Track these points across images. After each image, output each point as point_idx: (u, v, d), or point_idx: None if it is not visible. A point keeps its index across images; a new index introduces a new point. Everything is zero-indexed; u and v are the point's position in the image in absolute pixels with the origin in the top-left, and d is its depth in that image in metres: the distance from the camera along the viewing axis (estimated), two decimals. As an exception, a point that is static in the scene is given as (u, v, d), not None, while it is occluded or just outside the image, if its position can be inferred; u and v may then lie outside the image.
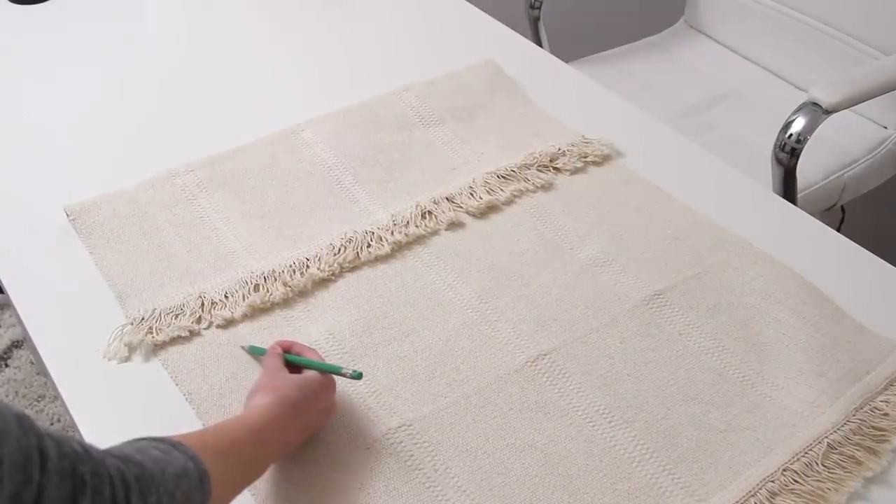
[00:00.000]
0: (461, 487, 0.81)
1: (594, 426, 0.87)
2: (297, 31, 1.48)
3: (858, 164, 1.52)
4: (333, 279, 1.01)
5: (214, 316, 0.96)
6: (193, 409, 0.87)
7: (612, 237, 1.07)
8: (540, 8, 1.73)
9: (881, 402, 0.88)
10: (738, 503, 0.80)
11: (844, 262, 1.06)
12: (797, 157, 1.31)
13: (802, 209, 1.15)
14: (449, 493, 0.81)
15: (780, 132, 1.32)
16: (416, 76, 1.32)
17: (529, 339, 0.95)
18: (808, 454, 0.84)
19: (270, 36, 1.49)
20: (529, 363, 0.92)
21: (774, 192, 1.32)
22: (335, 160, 1.17)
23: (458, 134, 1.23)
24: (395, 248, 1.05)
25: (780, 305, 0.98)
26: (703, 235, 1.08)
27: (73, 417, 0.87)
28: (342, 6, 1.55)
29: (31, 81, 1.35)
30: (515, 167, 1.16)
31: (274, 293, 0.98)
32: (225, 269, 1.02)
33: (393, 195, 1.12)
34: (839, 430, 0.86)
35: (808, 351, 0.93)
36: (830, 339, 0.95)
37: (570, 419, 0.87)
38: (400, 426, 0.86)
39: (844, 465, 0.83)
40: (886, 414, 0.87)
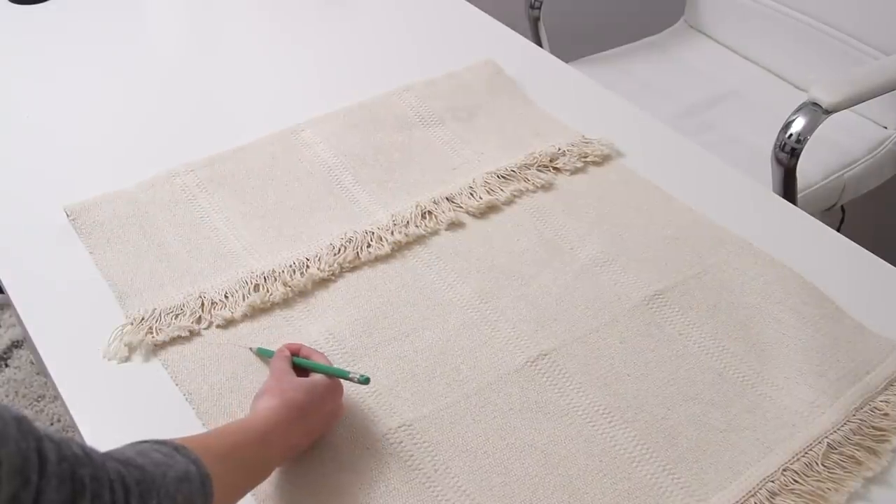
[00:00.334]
0: (461, 487, 0.81)
1: (594, 426, 0.87)
2: (297, 30, 1.48)
3: (858, 164, 1.52)
4: (333, 279, 1.01)
5: (214, 316, 0.96)
6: (193, 409, 0.87)
7: (612, 237, 1.07)
8: (540, 8, 1.73)
9: (881, 402, 0.88)
10: (738, 503, 0.80)
11: (844, 262, 1.06)
12: (797, 157, 1.31)
13: (802, 209, 1.15)
14: (449, 493, 0.81)
15: (780, 132, 1.32)
16: (416, 76, 1.32)
17: (529, 339, 0.95)
18: (808, 454, 0.84)
19: (270, 36, 1.49)
20: (529, 363, 0.92)
21: (774, 192, 1.32)
22: (335, 160, 1.17)
23: (458, 134, 1.23)
24: (395, 248, 1.05)
25: (780, 305, 0.98)
26: (703, 235, 1.08)
27: (73, 417, 0.87)
28: (342, 6, 1.55)
29: (31, 81, 1.35)
30: (515, 167, 1.16)
31: (274, 293, 0.98)
32: (225, 269, 1.02)
33: (393, 195, 1.12)
34: (839, 430, 0.86)
35: (808, 351, 0.93)
36: (830, 339, 0.95)
37: (570, 419, 0.87)
38: (400, 426, 0.86)
39: (844, 465, 0.83)
40: (886, 414, 0.87)
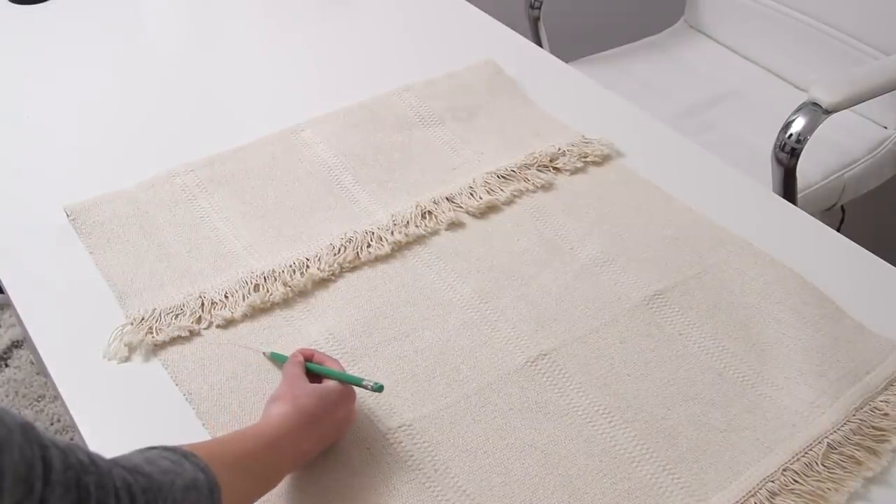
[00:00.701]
0: (461, 487, 0.81)
1: (594, 426, 0.87)
2: (297, 30, 1.48)
3: (858, 164, 1.52)
4: (333, 279, 1.01)
5: (214, 316, 0.96)
6: (193, 409, 0.87)
7: (612, 237, 1.07)
8: (540, 8, 1.73)
9: (881, 402, 0.88)
10: (738, 503, 0.80)
11: (844, 262, 1.06)
12: (797, 157, 1.31)
13: (802, 209, 1.15)
14: (449, 493, 0.81)
15: (780, 132, 1.32)
16: (416, 76, 1.32)
17: (529, 339, 0.95)
18: (808, 454, 0.84)
19: (270, 36, 1.49)
20: (529, 363, 0.92)
21: (774, 192, 1.32)
22: (335, 160, 1.17)
23: (458, 134, 1.23)
24: (395, 248, 1.05)
25: (780, 305, 0.98)
26: (703, 235, 1.08)
27: (73, 417, 0.87)
28: (342, 6, 1.55)
29: (31, 81, 1.35)
30: (515, 167, 1.16)
31: (274, 293, 0.98)
32: (225, 269, 1.02)
33: (393, 195, 1.12)
34: (839, 430, 0.86)
35: (808, 351, 0.93)
36: (830, 339, 0.95)
37: (570, 419, 0.87)
38: (400, 426, 0.86)
39: (844, 465, 0.83)
40: (886, 414, 0.87)
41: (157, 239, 1.05)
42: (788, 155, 1.32)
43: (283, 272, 1.00)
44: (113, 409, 0.89)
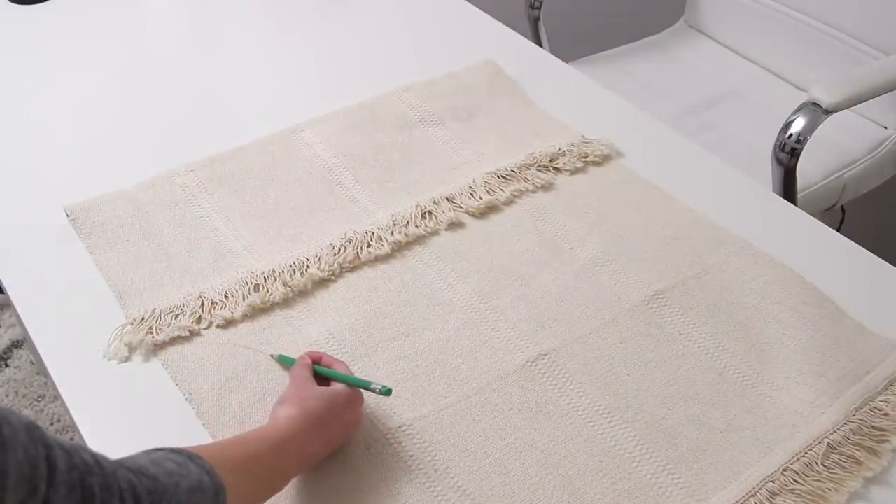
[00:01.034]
0: (461, 487, 0.81)
1: (594, 426, 0.87)
2: (297, 30, 1.48)
3: (858, 164, 1.52)
4: (333, 279, 1.01)
5: (214, 316, 0.96)
6: (193, 409, 0.87)
7: (612, 237, 1.07)
8: (540, 8, 1.73)
9: (881, 402, 0.88)
10: (738, 503, 0.80)
11: (844, 262, 1.06)
12: (797, 157, 1.31)
13: (802, 209, 1.15)
14: (449, 493, 0.81)
15: (780, 132, 1.32)
16: (416, 76, 1.32)
17: (529, 339, 0.95)
18: (808, 454, 0.84)
19: (270, 36, 1.49)
20: (529, 363, 0.92)
21: (774, 192, 1.32)
22: (335, 160, 1.17)
23: (458, 134, 1.23)
24: (395, 248, 1.05)
25: (780, 305, 0.98)
26: (703, 235, 1.08)
27: (73, 417, 0.87)
28: (342, 6, 1.55)
29: (31, 81, 1.35)
30: (515, 167, 1.16)
31: (274, 293, 0.98)
32: (225, 269, 1.02)
33: (393, 195, 1.12)
34: (839, 430, 0.86)
35: (808, 351, 0.93)
36: (830, 339, 0.95)
37: (570, 419, 0.87)
38: (400, 426, 0.86)
39: (844, 465, 0.83)
40: (886, 414, 0.87)
41: (157, 239, 1.05)
42: (788, 155, 1.32)
43: (283, 272, 1.00)
44: (113, 409, 0.89)
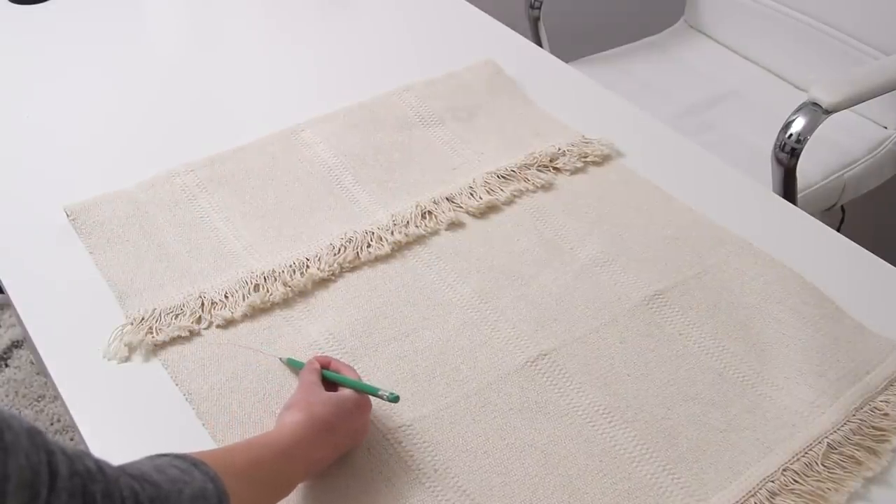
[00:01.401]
0: (461, 487, 0.81)
1: (594, 426, 0.87)
2: (297, 30, 1.48)
3: (858, 164, 1.52)
4: (333, 279, 1.01)
5: (214, 316, 0.96)
6: (193, 409, 0.87)
7: (612, 237, 1.07)
8: (540, 8, 1.73)
9: (881, 402, 0.88)
10: (738, 503, 0.80)
11: (844, 262, 1.06)
12: (797, 157, 1.31)
13: (802, 209, 1.15)
14: (449, 493, 0.81)
15: (780, 132, 1.32)
16: (416, 76, 1.32)
17: (529, 339, 0.95)
18: (808, 454, 0.84)
19: (270, 36, 1.49)
20: (529, 363, 0.92)
21: (774, 192, 1.32)
22: (335, 160, 1.17)
23: (458, 134, 1.23)
24: (395, 248, 1.05)
25: (780, 305, 0.98)
26: (703, 235, 1.08)
27: (73, 417, 0.87)
28: (342, 6, 1.56)
29: (30, 81, 1.35)
30: (515, 167, 1.16)
31: (274, 293, 0.98)
32: (225, 269, 1.02)
33: (393, 195, 1.12)
34: (839, 430, 0.86)
35: (808, 351, 0.93)
36: (830, 339, 0.95)
37: (570, 419, 0.87)
38: (400, 426, 0.86)
39: (844, 465, 0.83)
40: (886, 414, 0.87)
41: (157, 239, 1.05)
42: (788, 155, 1.32)
43: (283, 272, 1.00)
44: (113, 409, 0.89)
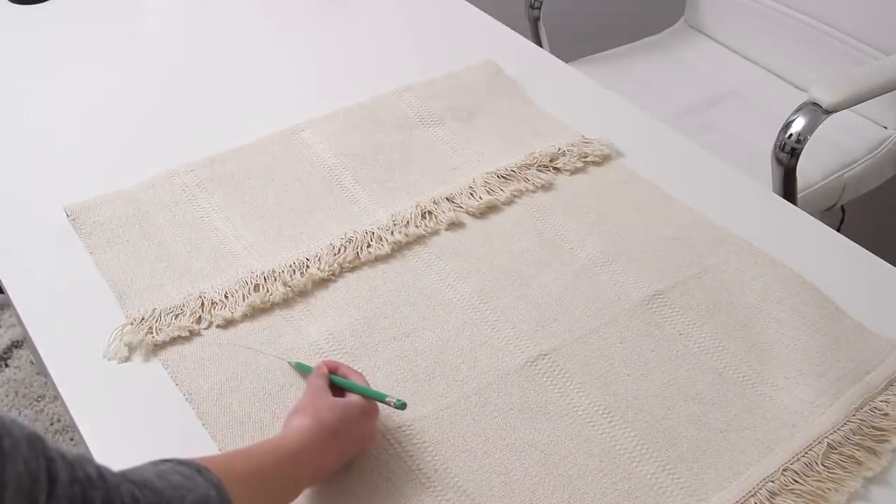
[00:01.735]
0: (461, 487, 0.81)
1: (594, 426, 0.87)
2: (296, 30, 1.48)
3: (858, 164, 1.52)
4: (333, 279, 1.01)
5: (214, 316, 0.96)
6: (193, 409, 0.87)
7: (612, 237, 1.07)
8: (540, 8, 1.73)
9: (881, 402, 0.88)
10: (738, 503, 0.80)
11: (844, 262, 1.06)
12: (797, 157, 1.31)
13: (802, 209, 1.15)
14: (449, 493, 0.81)
15: (780, 132, 1.32)
16: (416, 76, 1.32)
17: (529, 339, 0.95)
18: (808, 454, 0.84)
19: (270, 36, 1.49)
20: (529, 363, 0.92)
21: (774, 192, 1.32)
22: (335, 160, 1.17)
23: (458, 134, 1.23)
24: (395, 248, 1.05)
25: (780, 305, 0.98)
26: (703, 235, 1.08)
27: (73, 417, 0.87)
28: (342, 6, 1.55)
29: (30, 81, 1.35)
30: (515, 167, 1.16)
31: (274, 293, 0.98)
32: (225, 269, 1.02)
33: (393, 195, 1.12)
34: (839, 430, 0.86)
35: (808, 351, 0.93)
36: (830, 339, 0.95)
37: (570, 419, 0.87)
38: (400, 426, 0.86)
39: (844, 465, 0.83)
40: (886, 414, 0.87)
41: (157, 239, 1.05)
42: (788, 155, 1.32)
43: (283, 272, 1.00)
44: (113, 409, 0.89)
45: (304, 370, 0.90)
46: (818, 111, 1.31)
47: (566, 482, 0.82)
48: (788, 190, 1.35)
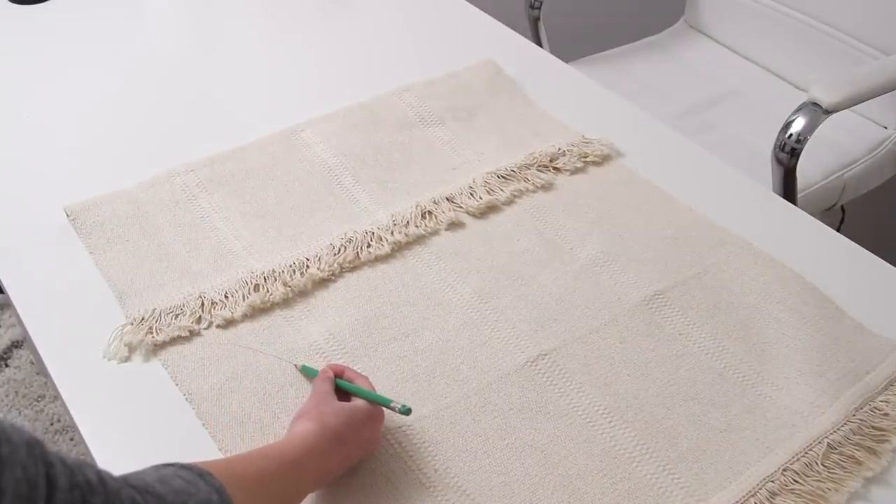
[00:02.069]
0: (461, 487, 0.81)
1: (594, 426, 0.87)
2: (297, 30, 1.48)
3: (858, 164, 1.52)
4: (333, 279, 1.01)
5: (214, 316, 0.96)
6: (193, 409, 0.87)
7: (612, 237, 1.07)
8: (540, 8, 1.73)
9: (881, 402, 0.88)
10: (738, 503, 0.80)
11: (844, 262, 1.06)
12: (797, 157, 1.31)
13: (802, 209, 1.15)
14: (449, 493, 0.81)
15: (780, 132, 1.32)
16: (416, 76, 1.32)
17: (529, 339, 0.95)
18: (808, 454, 0.84)
19: (270, 36, 1.49)
20: (529, 363, 0.92)
21: (774, 192, 1.32)
22: (335, 160, 1.17)
23: (458, 134, 1.23)
24: (395, 248, 1.05)
25: (780, 305, 0.98)
26: (703, 235, 1.08)
27: (73, 417, 0.87)
28: (342, 6, 1.55)
29: (30, 81, 1.35)
30: (515, 167, 1.16)
31: (274, 293, 0.98)
32: (225, 269, 1.02)
33: (393, 195, 1.12)
34: (839, 430, 0.86)
35: (808, 351, 0.93)
36: (830, 339, 0.95)
37: (570, 419, 0.87)
38: (400, 426, 0.86)
39: (844, 465, 0.83)
40: (886, 414, 0.87)
41: (157, 239, 1.05)
42: (788, 155, 1.32)
43: (283, 272, 1.00)
44: (113, 409, 0.89)
45: (310, 374, 0.90)
46: (818, 111, 1.31)
47: (566, 482, 0.82)
48: (788, 190, 1.35)
